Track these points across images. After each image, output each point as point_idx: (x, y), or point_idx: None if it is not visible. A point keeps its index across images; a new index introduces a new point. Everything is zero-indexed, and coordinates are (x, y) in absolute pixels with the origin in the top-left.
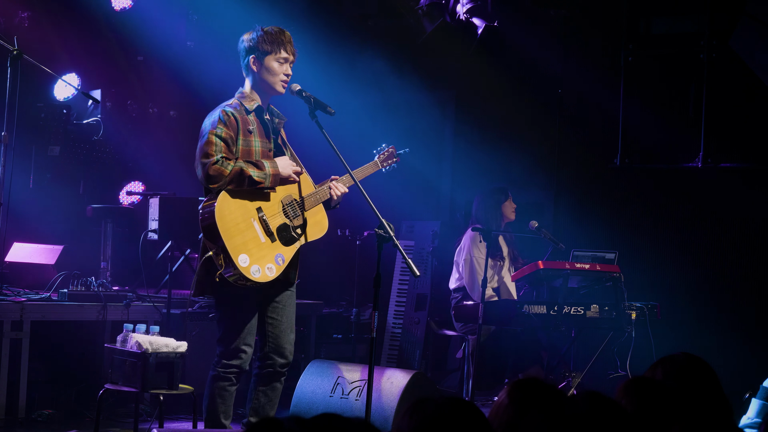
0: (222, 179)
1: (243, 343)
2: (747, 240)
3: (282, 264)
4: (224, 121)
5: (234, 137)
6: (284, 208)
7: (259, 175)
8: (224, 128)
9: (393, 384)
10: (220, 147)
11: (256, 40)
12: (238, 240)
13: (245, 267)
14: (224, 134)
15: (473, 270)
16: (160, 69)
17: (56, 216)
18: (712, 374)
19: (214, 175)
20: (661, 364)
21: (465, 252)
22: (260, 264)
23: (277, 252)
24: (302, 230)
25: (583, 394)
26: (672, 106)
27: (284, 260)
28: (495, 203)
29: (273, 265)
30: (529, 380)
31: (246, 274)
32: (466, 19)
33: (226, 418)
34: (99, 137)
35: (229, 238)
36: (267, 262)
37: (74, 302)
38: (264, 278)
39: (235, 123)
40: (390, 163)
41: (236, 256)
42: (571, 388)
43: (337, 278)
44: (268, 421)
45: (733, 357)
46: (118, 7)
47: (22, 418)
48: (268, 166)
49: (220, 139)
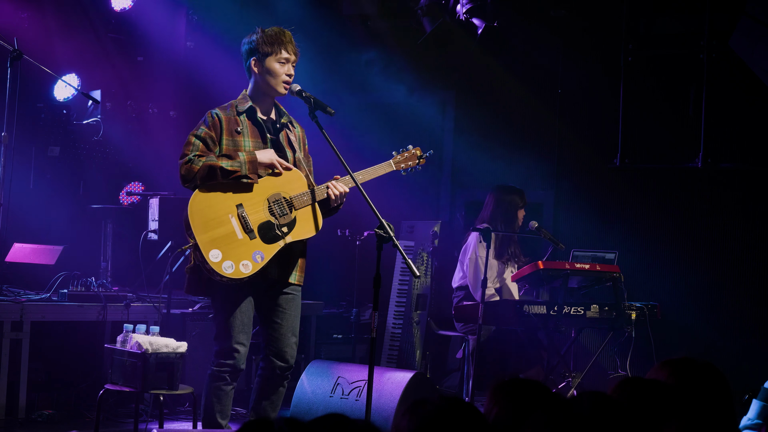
0: (192, 176)
1: (236, 341)
2: (747, 240)
3: (260, 261)
4: (207, 122)
5: (216, 137)
6: (270, 205)
7: (232, 165)
8: (205, 128)
9: (393, 384)
10: (196, 146)
11: (256, 42)
12: (210, 235)
13: (216, 262)
14: (203, 134)
15: (477, 269)
16: (160, 69)
17: (56, 216)
18: (723, 381)
19: (184, 174)
20: (668, 366)
21: (471, 251)
22: (234, 260)
23: (256, 249)
24: (289, 229)
25: (586, 395)
26: (672, 106)
27: (263, 257)
28: (513, 206)
29: (249, 262)
30: (519, 381)
31: (217, 270)
32: (466, 19)
33: (222, 417)
34: (99, 137)
35: (201, 233)
36: (243, 258)
37: (74, 302)
38: (237, 274)
39: (219, 123)
40: (411, 165)
41: (207, 251)
42: (571, 388)
43: (337, 278)
44: (259, 422)
45: (733, 357)
46: (118, 7)
47: (22, 418)
48: (242, 155)
49: (198, 139)
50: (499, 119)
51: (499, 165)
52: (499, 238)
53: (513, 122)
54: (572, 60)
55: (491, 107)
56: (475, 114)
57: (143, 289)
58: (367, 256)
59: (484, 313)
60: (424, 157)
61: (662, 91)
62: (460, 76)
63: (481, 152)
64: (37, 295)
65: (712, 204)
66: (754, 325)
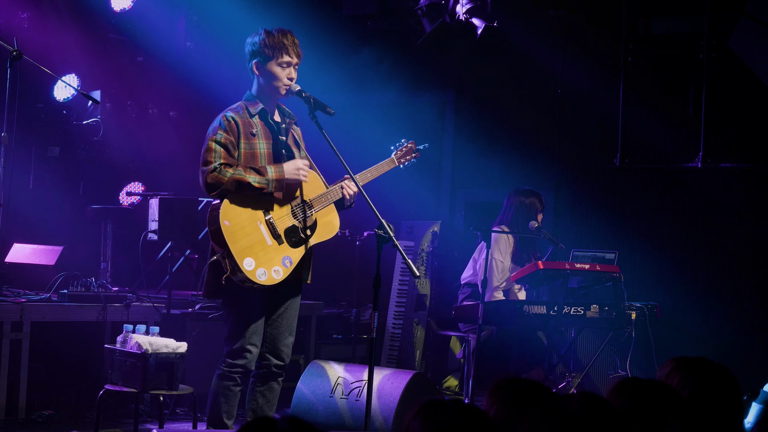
0: (219, 187)
1: (248, 342)
2: (747, 240)
3: (290, 266)
4: (224, 126)
5: (235, 142)
6: (293, 209)
7: (260, 181)
8: (224, 134)
9: (393, 384)
10: (219, 153)
11: (258, 45)
12: (242, 243)
13: (250, 270)
14: (224, 140)
15: (492, 270)
16: (160, 69)
17: (56, 216)
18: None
19: (212, 183)
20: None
21: (491, 251)
22: (266, 267)
23: (285, 254)
24: (311, 231)
25: (578, 395)
26: (672, 106)
27: (292, 262)
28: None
29: (280, 268)
30: (514, 381)
31: (252, 278)
32: (465, 19)
33: (228, 417)
34: (99, 137)
35: (233, 242)
36: (274, 264)
37: (74, 303)
38: (270, 281)
39: (236, 127)
40: (408, 159)
41: (241, 260)
42: (571, 388)
43: (337, 278)
44: (262, 421)
45: (733, 357)
46: (118, 7)
47: (22, 418)
48: (271, 171)
49: (219, 145)
50: (499, 119)
51: (499, 165)
52: (518, 241)
53: (513, 122)
54: (572, 60)
55: (491, 107)
56: (474, 114)
57: (143, 289)
58: (367, 256)
59: (485, 313)
60: (419, 150)
61: (662, 91)
62: (460, 76)
63: (481, 152)
64: (37, 295)
65: (712, 204)
66: (755, 325)
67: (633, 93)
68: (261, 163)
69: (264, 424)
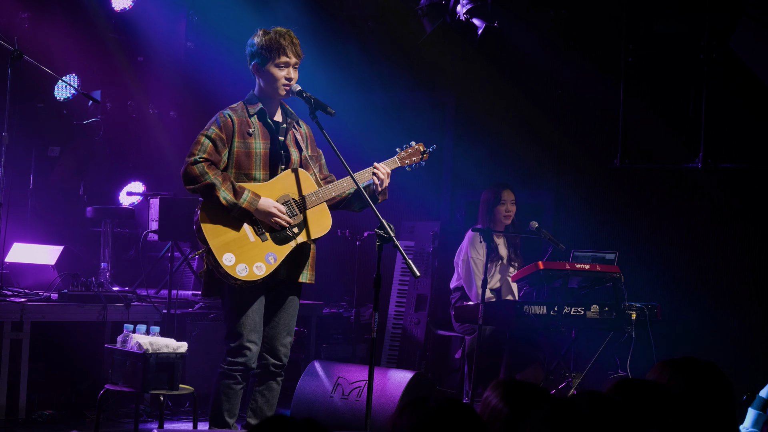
0: (195, 184)
1: (247, 340)
2: (747, 240)
3: (273, 262)
4: (219, 123)
5: (226, 139)
6: None
7: (228, 201)
8: (216, 129)
9: (393, 384)
10: (205, 147)
11: (255, 47)
12: (222, 239)
13: (230, 266)
14: (214, 135)
15: (470, 270)
16: (160, 69)
17: (56, 216)
18: (725, 382)
19: (188, 175)
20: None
21: (463, 252)
22: (247, 263)
23: (269, 251)
24: (300, 229)
25: (585, 394)
26: (672, 106)
27: (276, 259)
28: (488, 205)
29: (263, 264)
30: (520, 383)
31: (232, 273)
32: (466, 19)
33: (230, 416)
34: (99, 137)
35: (213, 237)
36: (256, 261)
37: (74, 303)
38: (252, 276)
39: (231, 125)
40: (415, 161)
41: (220, 255)
42: (571, 388)
43: (337, 278)
44: (278, 420)
45: (733, 358)
46: (118, 7)
47: (22, 418)
48: (245, 198)
49: (208, 140)
50: (499, 119)
51: (499, 165)
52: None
53: (513, 122)
54: (572, 60)
55: (491, 107)
56: (475, 114)
57: (143, 289)
58: (367, 256)
59: (484, 313)
60: (428, 152)
61: (662, 91)
62: (460, 76)
63: (481, 152)
64: (37, 295)
65: (712, 204)
66: (755, 325)
67: (633, 93)
68: (255, 162)
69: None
